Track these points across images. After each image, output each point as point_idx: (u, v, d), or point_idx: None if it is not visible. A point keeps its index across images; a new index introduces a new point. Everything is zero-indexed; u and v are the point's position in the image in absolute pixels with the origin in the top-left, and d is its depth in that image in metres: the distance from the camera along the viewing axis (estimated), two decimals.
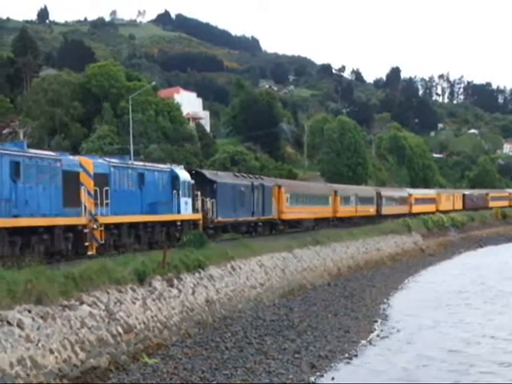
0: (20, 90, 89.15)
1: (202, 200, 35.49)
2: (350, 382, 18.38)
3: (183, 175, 33.41)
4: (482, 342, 23.76)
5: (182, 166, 36.68)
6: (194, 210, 34.12)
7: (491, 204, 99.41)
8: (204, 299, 23.97)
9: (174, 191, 31.98)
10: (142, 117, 73.41)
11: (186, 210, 33.00)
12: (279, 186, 47.96)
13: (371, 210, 66.06)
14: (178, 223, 32.19)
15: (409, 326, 26.90)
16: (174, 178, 32.45)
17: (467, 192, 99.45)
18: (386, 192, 72.29)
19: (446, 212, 78.76)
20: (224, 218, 37.85)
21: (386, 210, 68.77)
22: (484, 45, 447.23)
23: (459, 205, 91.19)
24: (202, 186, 36.13)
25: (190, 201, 33.36)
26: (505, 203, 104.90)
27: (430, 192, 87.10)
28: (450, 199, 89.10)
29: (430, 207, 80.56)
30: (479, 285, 40.32)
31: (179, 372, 17.38)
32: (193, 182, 34.26)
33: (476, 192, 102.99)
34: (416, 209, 76.41)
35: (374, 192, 68.49)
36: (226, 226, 38.77)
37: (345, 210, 59.66)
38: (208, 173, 39.83)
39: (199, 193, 34.95)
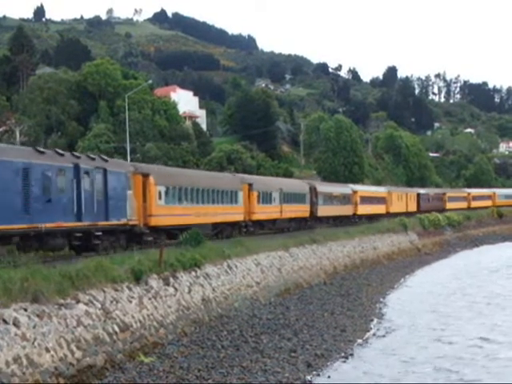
0: (16, 88, 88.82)
1: None
2: (346, 381, 18.41)
3: None
4: (478, 342, 23.77)
5: None
6: None
7: (449, 205, 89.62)
8: (200, 298, 23.96)
9: None
10: (138, 115, 73.28)
11: None
12: (145, 175, 31.33)
13: (303, 210, 51.81)
14: None
15: (405, 325, 26.96)
16: None
17: (422, 191, 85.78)
18: (324, 187, 57.73)
19: (397, 215, 67.13)
20: None
21: (323, 210, 54.88)
22: (480, 44, 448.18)
23: (413, 206, 78.44)
24: None
25: None
26: (463, 205, 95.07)
27: (379, 190, 72.87)
28: (402, 199, 75.76)
29: (379, 208, 68.03)
30: (474, 285, 40.40)
31: (175, 370, 17.40)
32: None
33: (432, 191, 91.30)
34: (362, 210, 63.64)
35: (307, 187, 53.37)
36: (4, 238, 21.95)
37: (264, 211, 44.66)
38: None
39: None
